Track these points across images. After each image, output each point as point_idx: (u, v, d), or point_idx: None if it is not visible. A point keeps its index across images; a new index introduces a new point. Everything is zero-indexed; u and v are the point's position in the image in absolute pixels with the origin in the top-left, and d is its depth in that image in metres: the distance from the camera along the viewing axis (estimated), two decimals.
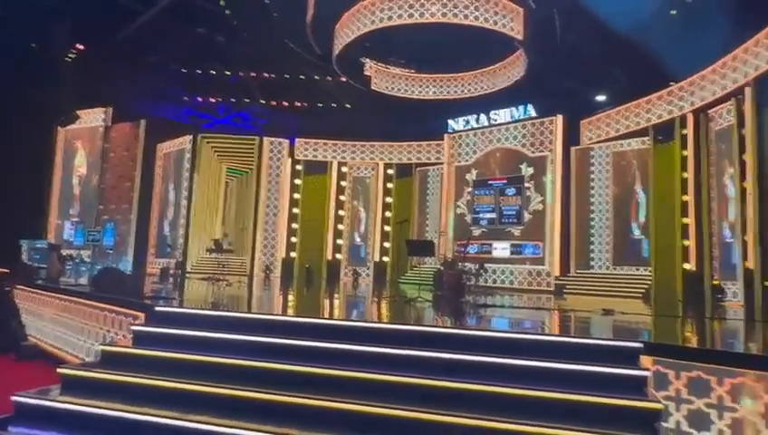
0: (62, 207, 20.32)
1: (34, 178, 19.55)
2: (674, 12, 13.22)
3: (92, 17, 17.37)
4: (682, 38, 12.90)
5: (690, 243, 13.26)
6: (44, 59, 17.89)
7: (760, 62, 11.16)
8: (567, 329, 5.76)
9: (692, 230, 13.25)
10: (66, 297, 7.58)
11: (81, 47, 19.11)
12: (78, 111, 18.73)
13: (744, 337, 6.12)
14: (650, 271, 14.14)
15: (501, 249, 16.98)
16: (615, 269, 15.26)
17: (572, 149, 16.27)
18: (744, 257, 11.38)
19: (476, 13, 12.82)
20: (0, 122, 16.84)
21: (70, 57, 18.69)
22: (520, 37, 13.43)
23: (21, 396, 3.70)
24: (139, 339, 4.68)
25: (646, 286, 13.92)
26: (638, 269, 14.72)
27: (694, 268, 13.07)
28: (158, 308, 5.26)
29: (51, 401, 3.70)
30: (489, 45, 14.95)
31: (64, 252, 16.64)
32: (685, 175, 13.48)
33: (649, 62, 13.43)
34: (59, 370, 4.09)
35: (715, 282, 12.38)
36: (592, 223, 15.87)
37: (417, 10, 12.80)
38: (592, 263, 15.76)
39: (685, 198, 13.45)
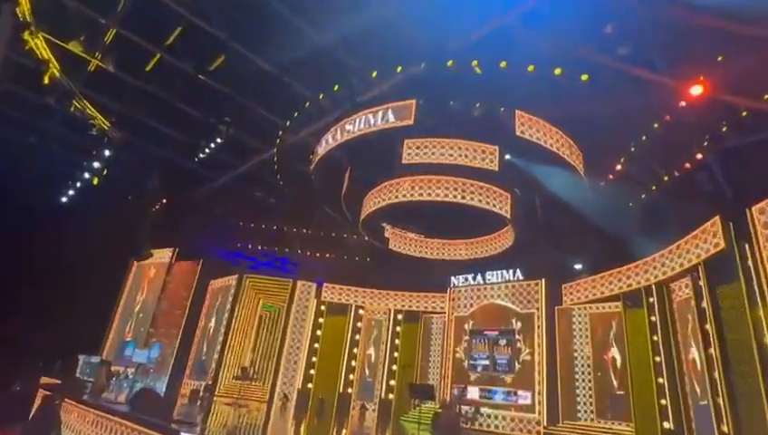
0: (120, 328, 20.14)
1: (103, 301, 19.78)
2: (631, 204, 13.95)
3: (175, 180, 19.04)
4: (641, 224, 13.49)
5: (666, 402, 12.27)
6: (135, 208, 19.25)
7: (709, 247, 11.39)
8: None
9: (667, 390, 12.36)
10: (104, 415, 7.22)
11: (165, 201, 20.61)
12: (152, 250, 19.56)
13: None
14: (632, 427, 12.90)
15: (494, 395, 15.82)
16: (599, 422, 13.98)
17: (556, 308, 15.99)
18: (720, 420, 10.43)
19: (473, 195, 13.68)
20: (86, 253, 17.61)
21: (155, 209, 20.06)
22: (508, 215, 14.03)
23: None
24: None
25: None
26: (620, 424, 13.45)
27: (673, 428, 11.92)
28: (181, 433, 4.98)
29: None
30: (485, 219, 15.59)
31: (113, 368, 16.16)
32: (655, 338, 12.99)
33: (616, 241, 13.85)
34: None
35: None
36: (576, 376, 14.98)
37: (426, 191, 13.75)
38: (579, 414, 14.52)
39: (657, 359, 12.81)
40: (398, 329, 18.92)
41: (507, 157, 13.02)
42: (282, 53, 12.77)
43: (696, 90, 11.01)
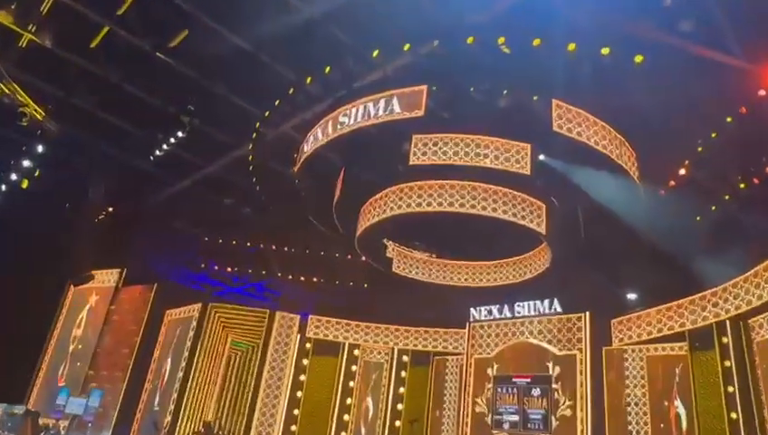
0: (51, 370, 20.09)
1: (31, 335, 19.76)
2: (698, 218, 13.97)
3: (125, 183, 19.17)
4: (710, 243, 13.48)
5: None
6: (74, 220, 19.35)
7: None
8: None
9: None
10: None
11: (111, 209, 20.73)
12: (94, 272, 19.63)
13: None
14: None
15: None
16: None
17: (604, 349, 15.97)
18: None
19: (497, 205, 13.74)
20: (10, 274, 17.66)
21: (99, 219, 20.17)
22: (542, 231, 14.05)
23: None
24: None
25: None
26: None
27: None
28: None
29: None
30: (513, 236, 15.61)
31: (42, 420, 16.13)
32: (730, 389, 12.91)
33: (680, 265, 13.82)
34: None
35: None
36: None
37: (438, 199, 13.80)
38: None
39: (733, 415, 12.70)
40: (404, 374, 18.95)
41: (542, 157, 13.06)
42: (259, 26, 12.91)
43: None
